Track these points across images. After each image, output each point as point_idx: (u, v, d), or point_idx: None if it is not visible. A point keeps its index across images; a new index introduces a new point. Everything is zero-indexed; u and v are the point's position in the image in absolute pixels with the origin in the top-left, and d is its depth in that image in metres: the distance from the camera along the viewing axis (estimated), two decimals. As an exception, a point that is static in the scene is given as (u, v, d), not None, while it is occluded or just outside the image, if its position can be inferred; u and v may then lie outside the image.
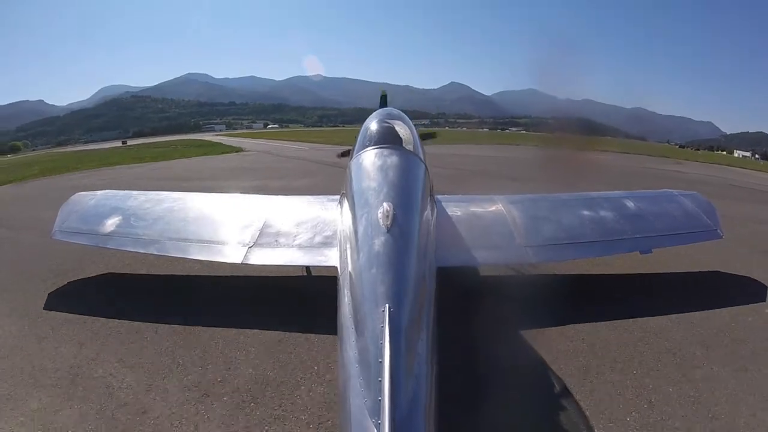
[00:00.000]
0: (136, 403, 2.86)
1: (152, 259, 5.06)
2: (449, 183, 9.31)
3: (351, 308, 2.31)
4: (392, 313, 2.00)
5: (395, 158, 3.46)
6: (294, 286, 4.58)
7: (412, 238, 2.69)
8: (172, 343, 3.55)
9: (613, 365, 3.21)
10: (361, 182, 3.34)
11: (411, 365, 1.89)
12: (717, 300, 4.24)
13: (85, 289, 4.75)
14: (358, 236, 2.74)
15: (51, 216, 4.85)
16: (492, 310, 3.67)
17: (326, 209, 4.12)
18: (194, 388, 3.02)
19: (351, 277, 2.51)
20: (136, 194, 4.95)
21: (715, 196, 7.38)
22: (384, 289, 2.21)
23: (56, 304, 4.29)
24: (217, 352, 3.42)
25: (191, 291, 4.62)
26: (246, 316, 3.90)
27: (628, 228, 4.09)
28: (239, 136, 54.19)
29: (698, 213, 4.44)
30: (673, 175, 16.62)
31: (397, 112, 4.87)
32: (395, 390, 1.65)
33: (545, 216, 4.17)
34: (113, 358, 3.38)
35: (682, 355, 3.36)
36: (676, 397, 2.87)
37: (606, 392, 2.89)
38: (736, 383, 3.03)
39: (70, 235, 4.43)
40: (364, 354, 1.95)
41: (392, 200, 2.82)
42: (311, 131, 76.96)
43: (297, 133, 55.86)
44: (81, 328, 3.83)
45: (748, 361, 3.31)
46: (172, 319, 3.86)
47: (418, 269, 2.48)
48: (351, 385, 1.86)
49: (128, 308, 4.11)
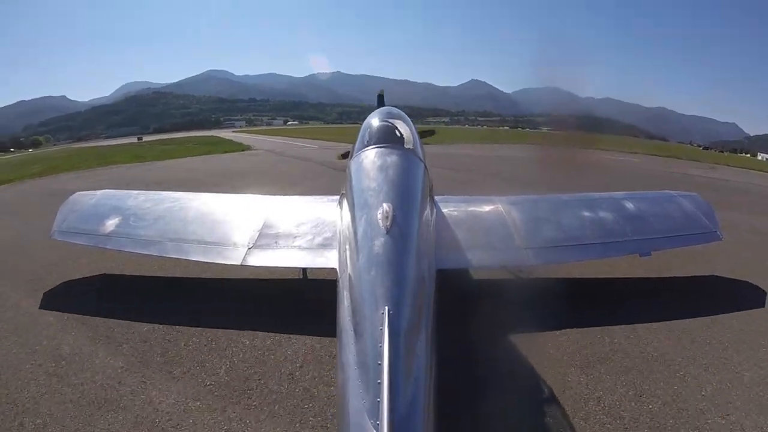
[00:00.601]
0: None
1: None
2: (459, 187, 8.75)
3: (350, 310, 2.31)
4: (391, 315, 2.01)
5: (395, 158, 3.45)
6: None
7: (412, 239, 2.69)
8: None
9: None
10: (360, 182, 3.33)
11: (410, 367, 1.91)
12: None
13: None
14: (357, 237, 2.73)
15: (9, 235, 4.60)
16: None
17: (326, 210, 4.08)
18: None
19: (350, 278, 2.51)
20: (135, 194, 4.95)
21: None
22: (383, 290, 2.22)
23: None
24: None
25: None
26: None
27: (628, 230, 4.08)
28: (256, 132, 53.79)
29: (698, 215, 4.41)
30: (718, 184, 14.84)
31: (396, 111, 4.78)
32: (394, 391, 1.67)
33: (545, 217, 4.15)
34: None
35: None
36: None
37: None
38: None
39: (69, 235, 4.43)
40: (363, 356, 1.96)
41: (392, 201, 2.81)
42: (329, 128, 77.38)
43: (313, 131, 55.56)
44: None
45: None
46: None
47: (417, 271, 2.49)
48: (350, 387, 1.88)
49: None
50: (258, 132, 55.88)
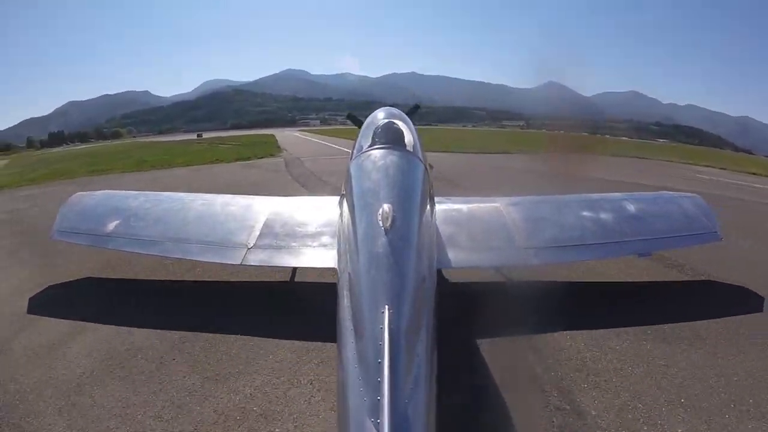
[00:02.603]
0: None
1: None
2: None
3: (350, 309, 2.33)
4: (392, 314, 2.02)
5: (395, 159, 3.49)
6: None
7: (412, 239, 2.72)
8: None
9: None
10: (360, 183, 3.38)
11: (410, 366, 1.92)
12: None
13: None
14: (357, 237, 2.76)
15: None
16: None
17: (326, 210, 4.17)
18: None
19: (350, 278, 2.54)
20: (135, 194, 5.03)
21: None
22: (383, 290, 2.25)
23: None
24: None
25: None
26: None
27: (628, 230, 4.15)
28: (319, 132, 53.74)
29: (697, 215, 4.49)
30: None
31: (397, 111, 4.82)
32: (394, 390, 1.68)
33: (545, 218, 4.24)
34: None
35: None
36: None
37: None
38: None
39: (69, 235, 4.48)
40: (363, 355, 1.96)
41: (392, 201, 2.84)
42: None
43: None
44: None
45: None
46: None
47: (417, 270, 2.51)
48: (350, 386, 1.90)
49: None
50: (319, 132, 55.93)
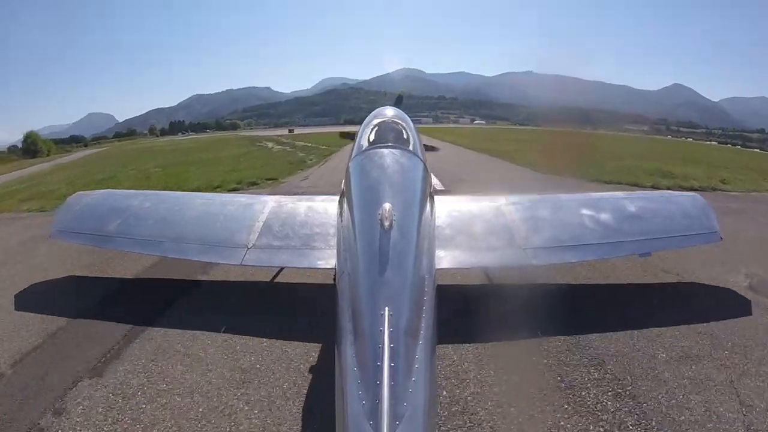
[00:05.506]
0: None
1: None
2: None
3: (349, 310, 2.33)
4: (391, 315, 2.07)
5: (395, 158, 3.63)
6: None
7: (412, 239, 2.78)
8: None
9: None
10: (360, 182, 3.51)
11: (410, 368, 1.95)
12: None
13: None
14: (357, 237, 2.81)
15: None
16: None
17: (326, 209, 4.26)
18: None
19: (350, 278, 2.57)
20: (135, 194, 5.11)
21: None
22: (383, 291, 2.32)
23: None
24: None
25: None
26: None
27: (628, 230, 4.14)
28: (427, 131, 49.59)
29: (698, 215, 4.44)
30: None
31: (397, 110, 5.12)
32: (394, 393, 1.73)
33: (545, 217, 4.23)
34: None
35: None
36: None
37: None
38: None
39: (68, 235, 4.51)
40: (362, 356, 1.99)
41: (392, 200, 2.91)
42: (515, 129, 76.76)
43: (493, 133, 52.17)
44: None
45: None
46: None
47: (417, 271, 2.57)
48: (349, 388, 1.90)
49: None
50: (431, 130, 54.17)
